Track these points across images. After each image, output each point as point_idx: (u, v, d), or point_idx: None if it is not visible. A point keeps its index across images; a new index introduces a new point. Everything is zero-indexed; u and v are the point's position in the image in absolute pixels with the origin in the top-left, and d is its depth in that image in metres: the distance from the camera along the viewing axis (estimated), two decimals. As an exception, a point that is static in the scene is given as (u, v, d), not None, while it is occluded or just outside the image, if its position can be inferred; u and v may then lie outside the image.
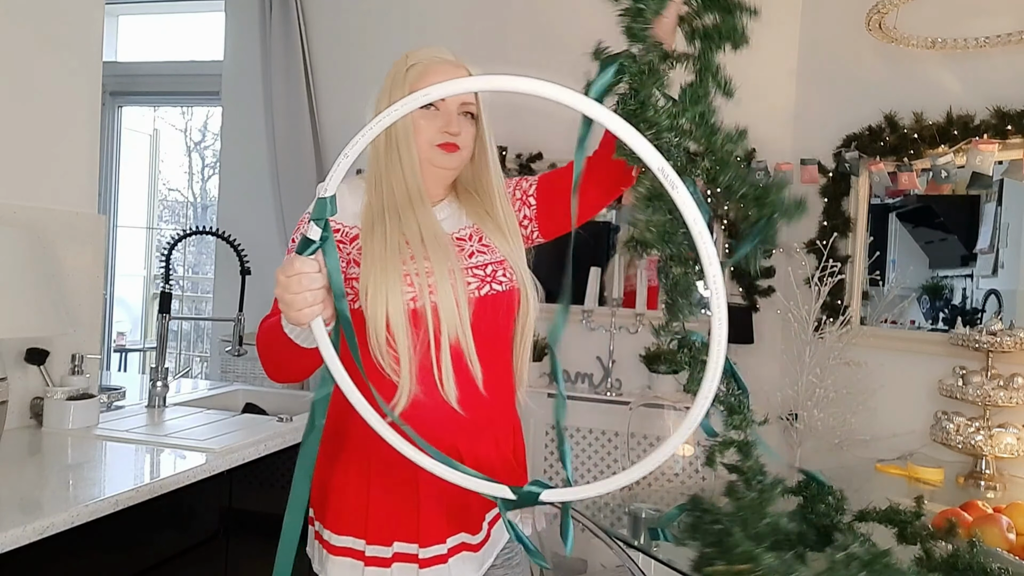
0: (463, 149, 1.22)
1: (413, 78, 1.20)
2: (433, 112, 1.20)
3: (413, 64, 1.22)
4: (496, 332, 1.21)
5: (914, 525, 1.21)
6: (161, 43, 4.72)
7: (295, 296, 0.92)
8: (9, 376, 1.63)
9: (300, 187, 3.60)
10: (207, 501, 1.67)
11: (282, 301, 0.94)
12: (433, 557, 1.15)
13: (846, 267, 2.97)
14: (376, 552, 1.15)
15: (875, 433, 2.75)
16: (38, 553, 1.24)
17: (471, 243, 1.23)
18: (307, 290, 0.92)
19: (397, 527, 1.15)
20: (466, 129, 1.22)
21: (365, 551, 1.15)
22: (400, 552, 1.15)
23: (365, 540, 1.16)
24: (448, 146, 1.20)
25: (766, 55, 3.23)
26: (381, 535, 1.15)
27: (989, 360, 2.22)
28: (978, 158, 2.45)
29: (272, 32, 3.71)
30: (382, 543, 1.15)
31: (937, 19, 2.47)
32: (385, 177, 1.20)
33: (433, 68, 1.21)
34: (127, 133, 4.61)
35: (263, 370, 1.18)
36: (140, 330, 5.17)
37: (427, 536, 1.14)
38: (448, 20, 3.57)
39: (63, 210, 1.92)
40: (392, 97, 1.20)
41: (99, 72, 2.03)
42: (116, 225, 4.55)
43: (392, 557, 1.15)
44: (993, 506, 1.62)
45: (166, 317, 2.24)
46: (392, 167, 1.19)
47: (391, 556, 1.15)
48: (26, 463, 1.59)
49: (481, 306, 1.18)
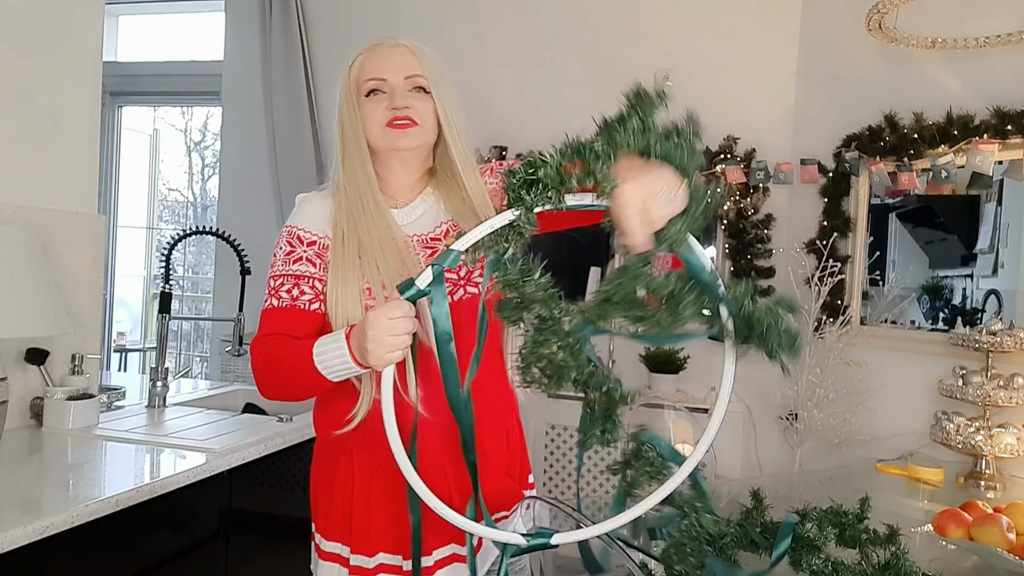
0: (420, 124, 1.17)
1: (356, 72, 1.19)
2: (378, 95, 1.18)
3: (355, 59, 1.21)
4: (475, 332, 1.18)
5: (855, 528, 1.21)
6: (161, 43, 4.72)
7: (395, 339, 0.93)
8: (9, 376, 1.63)
9: (300, 187, 3.54)
10: (207, 501, 1.67)
11: (376, 341, 0.94)
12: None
13: (846, 267, 2.97)
14: (359, 562, 1.15)
15: (875, 433, 2.74)
16: (38, 553, 1.24)
17: (444, 243, 1.21)
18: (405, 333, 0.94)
19: (380, 539, 1.14)
20: (419, 103, 1.18)
21: (350, 559, 1.15)
22: (385, 563, 1.14)
23: (350, 548, 1.15)
24: (399, 123, 1.16)
25: (766, 55, 3.23)
26: (365, 545, 1.15)
27: (989, 360, 2.22)
28: (978, 158, 2.45)
29: (272, 32, 3.71)
30: (365, 553, 1.15)
31: (937, 19, 2.47)
32: (344, 184, 1.19)
33: (370, 54, 1.20)
34: (127, 133, 4.61)
35: (256, 385, 1.16)
36: (140, 330, 5.17)
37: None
38: (449, 20, 3.57)
39: (63, 210, 1.92)
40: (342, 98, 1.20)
41: (99, 72, 2.03)
42: (116, 225, 4.55)
43: (376, 568, 1.14)
44: (993, 506, 1.62)
45: (166, 317, 2.24)
46: (349, 173, 1.18)
47: (374, 567, 1.14)
48: (26, 463, 1.59)
49: (456, 310, 1.13)
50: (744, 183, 3.15)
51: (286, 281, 1.16)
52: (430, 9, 3.59)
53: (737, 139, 3.17)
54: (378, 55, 1.19)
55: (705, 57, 3.28)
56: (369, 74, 1.18)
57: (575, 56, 3.43)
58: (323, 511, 1.20)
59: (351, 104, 1.19)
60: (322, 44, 3.75)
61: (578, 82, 3.41)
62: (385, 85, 1.17)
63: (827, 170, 3.02)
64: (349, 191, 1.17)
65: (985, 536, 1.47)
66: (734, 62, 3.25)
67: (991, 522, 1.49)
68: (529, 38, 3.49)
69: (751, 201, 3.18)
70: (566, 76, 3.43)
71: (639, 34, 3.37)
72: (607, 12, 3.40)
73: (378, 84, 1.17)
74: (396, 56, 1.19)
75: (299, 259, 1.18)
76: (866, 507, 1.28)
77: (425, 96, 1.19)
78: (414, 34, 1.27)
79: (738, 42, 3.25)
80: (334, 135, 1.23)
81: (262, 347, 1.13)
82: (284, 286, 1.16)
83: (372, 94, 1.18)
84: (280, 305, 1.15)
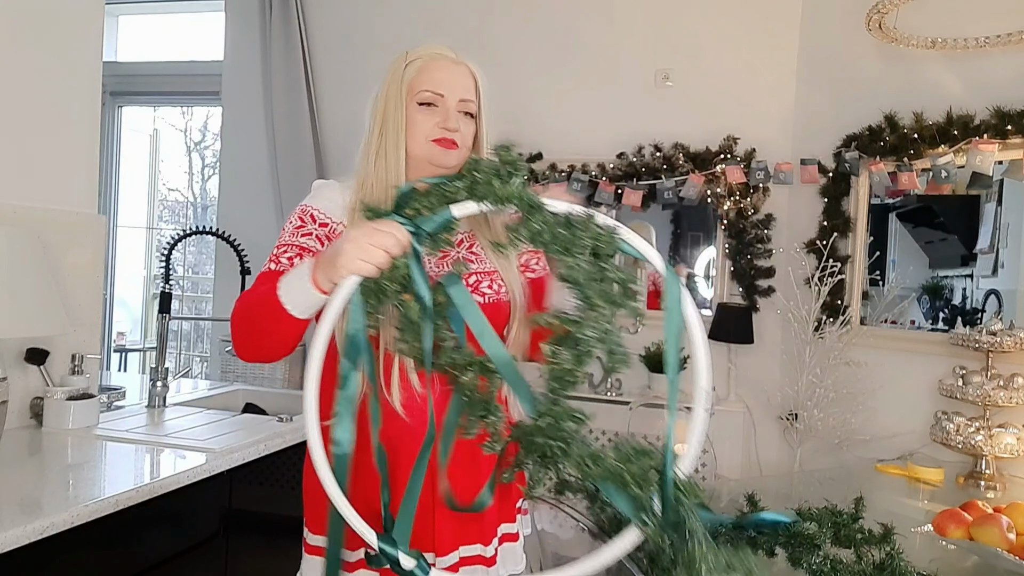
0: (462, 147, 1.19)
1: (411, 74, 1.19)
2: (431, 108, 1.18)
3: (412, 60, 1.20)
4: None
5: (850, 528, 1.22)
6: (161, 43, 4.72)
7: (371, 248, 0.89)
8: (9, 376, 1.63)
9: (300, 187, 3.60)
10: (207, 501, 1.67)
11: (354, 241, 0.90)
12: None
13: (846, 267, 2.97)
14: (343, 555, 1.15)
15: (875, 433, 2.75)
16: (38, 553, 1.24)
17: (457, 250, 1.21)
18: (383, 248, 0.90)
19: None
20: (465, 127, 1.20)
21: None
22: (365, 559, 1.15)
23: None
24: (446, 142, 1.17)
25: (766, 55, 3.23)
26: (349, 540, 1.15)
27: (989, 360, 2.22)
28: (978, 158, 2.45)
29: (272, 32, 3.71)
30: (348, 547, 1.15)
31: (937, 19, 2.47)
32: (368, 179, 1.18)
33: (433, 63, 1.20)
34: (127, 133, 4.61)
35: (234, 348, 1.14)
36: (140, 330, 5.17)
37: None
38: (449, 19, 3.57)
39: (63, 210, 1.92)
40: (389, 94, 1.19)
41: (99, 72, 2.03)
42: (116, 225, 4.55)
43: (356, 563, 1.14)
44: (993, 506, 1.62)
45: (166, 317, 2.24)
46: (378, 170, 1.18)
47: (356, 561, 1.14)
48: (26, 463, 1.59)
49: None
50: (744, 183, 3.15)
51: (289, 250, 1.16)
52: (430, 9, 3.59)
53: (737, 139, 3.17)
54: (440, 68, 1.19)
55: (705, 57, 3.29)
56: (427, 85, 1.18)
57: (575, 56, 3.42)
58: (312, 506, 1.20)
59: (399, 104, 1.19)
60: (322, 44, 3.75)
61: (578, 82, 3.41)
62: (441, 101, 1.18)
63: (827, 170, 3.02)
64: (377, 184, 1.17)
65: (985, 536, 1.47)
66: (734, 62, 3.26)
67: (991, 522, 1.49)
68: (529, 38, 3.49)
69: (751, 201, 3.18)
70: (566, 76, 3.43)
71: (639, 35, 3.37)
72: (607, 12, 3.40)
73: (434, 98, 1.18)
74: (458, 75, 1.20)
75: (308, 234, 1.18)
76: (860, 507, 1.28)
77: (471, 121, 1.21)
78: (412, 33, 1.26)
79: (738, 42, 3.25)
80: (368, 124, 1.22)
81: (240, 299, 1.12)
82: (287, 254, 1.16)
83: (425, 105, 1.18)
84: (277, 268, 1.14)
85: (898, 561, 1.11)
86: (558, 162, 3.37)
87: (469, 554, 1.17)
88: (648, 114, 3.33)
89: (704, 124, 3.23)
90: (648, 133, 3.30)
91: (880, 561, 1.13)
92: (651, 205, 3.29)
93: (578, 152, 3.35)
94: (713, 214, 3.29)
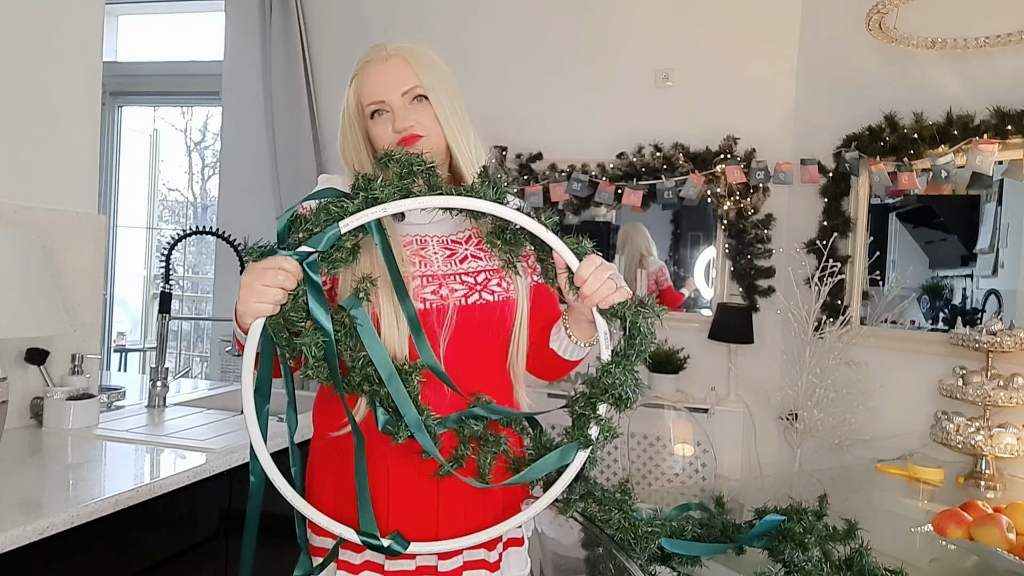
0: (426, 136, 1.16)
1: (354, 93, 1.19)
2: (384, 115, 1.17)
3: (352, 77, 1.20)
4: (484, 341, 1.16)
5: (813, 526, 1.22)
6: (161, 43, 4.72)
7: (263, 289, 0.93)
8: (9, 376, 1.63)
9: (300, 187, 3.60)
10: (207, 501, 1.67)
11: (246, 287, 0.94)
12: (399, 572, 1.14)
13: (846, 267, 2.97)
14: (347, 557, 1.15)
15: (875, 433, 2.75)
16: (38, 553, 1.24)
17: (466, 247, 1.19)
18: (275, 286, 0.93)
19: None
20: (421, 115, 1.17)
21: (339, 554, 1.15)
22: (370, 561, 1.15)
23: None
24: (408, 140, 1.15)
25: (766, 55, 3.23)
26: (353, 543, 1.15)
27: (989, 360, 2.22)
28: (978, 158, 2.45)
29: (272, 32, 3.71)
30: (353, 549, 1.15)
31: (937, 19, 2.47)
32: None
33: (365, 73, 1.19)
34: (127, 133, 4.61)
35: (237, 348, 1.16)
36: (140, 330, 5.17)
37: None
38: (449, 19, 3.57)
39: (63, 210, 1.92)
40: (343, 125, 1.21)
41: (99, 72, 2.03)
42: (116, 225, 4.55)
43: (362, 565, 1.14)
44: (993, 506, 1.62)
45: (166, 317, 2.24)
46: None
47: (361, 563, 1.14)
48: (26, 463, 1.59)
49: (466, 314, 1.13)
50: (744, 183, 3.15)
51: None
52: (429, 8, 3.59)
53: (737, 139, 3.17)
54: (372, 74, 1.18)
55: (705, 57, 3.28)
56: (368, 98, 1.17)
57: (575, 56, 3.42)
58: (315, 507, 1.20)
59: (353, 130, 1.20)
60: (322, 43, 3.75)
61: (578, 82, 3.41)
62: (385, 106, 1.17)
63: (827, 170, 3.02)
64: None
65: (985, 536, 1.47)
66: (734, 62, 3.25)
67: (991, 522, 1.49)
68: (529, 38, 3.49)
69: (751, 201, 3.18)
70: (566, 76, 3.43)
71: (639, 35, 3.37)
72: (606, 12, 3.40)
73: (379, 106, 1.17)
74: (389, 72, 1.17)
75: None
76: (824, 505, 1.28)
77: (426, 103, 1.18)
78: (412, 33, 1.26)
79: (738, 42, 3.25)
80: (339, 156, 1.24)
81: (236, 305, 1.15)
82: None
83: (376, 115, 1.17)
84: None
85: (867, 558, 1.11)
86: (558, 162, 3.36)
87: (473, 559, 1.17)
88: (648, 114, 3.33)
89: (704, 124, 3.22)
90: (648, 133, 3.30)
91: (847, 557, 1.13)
92: (651, 205, 3.29)
93: (578, 152, 3.35)
94: (713, 214, 3.29)
